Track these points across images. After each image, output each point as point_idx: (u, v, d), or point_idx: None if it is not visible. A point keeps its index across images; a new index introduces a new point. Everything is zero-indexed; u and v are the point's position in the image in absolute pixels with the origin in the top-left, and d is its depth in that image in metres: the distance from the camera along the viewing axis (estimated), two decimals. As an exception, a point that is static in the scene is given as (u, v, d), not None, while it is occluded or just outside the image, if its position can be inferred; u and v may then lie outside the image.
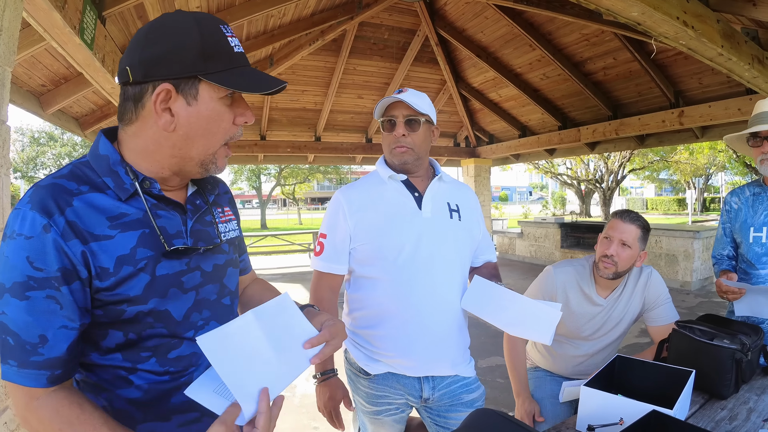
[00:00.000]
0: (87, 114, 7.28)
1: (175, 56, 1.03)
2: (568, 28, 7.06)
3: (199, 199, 1.28)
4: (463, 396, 2.08)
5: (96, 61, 3.85)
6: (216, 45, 1.06)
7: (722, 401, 1.98)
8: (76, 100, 6.31)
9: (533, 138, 10.13)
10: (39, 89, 5.82)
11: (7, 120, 1.75)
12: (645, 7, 2.92)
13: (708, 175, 35.53)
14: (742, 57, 3.91)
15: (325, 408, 2.06)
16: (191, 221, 1.22)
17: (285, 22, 6.86)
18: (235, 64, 1.08)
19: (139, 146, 1.11)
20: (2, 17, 1.66)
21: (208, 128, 1.09)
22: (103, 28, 3.96)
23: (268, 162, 11.75)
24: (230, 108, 1.12)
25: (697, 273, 9.81)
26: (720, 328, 2.14)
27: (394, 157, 2.04)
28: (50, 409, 0.98)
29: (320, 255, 2.10)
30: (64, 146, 33.88)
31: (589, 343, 2.62)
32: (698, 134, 8.09)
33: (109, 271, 1.04)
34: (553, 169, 27.45)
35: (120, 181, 1.08)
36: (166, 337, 1.13)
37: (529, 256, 14.29)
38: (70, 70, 5.49)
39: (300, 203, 46.41)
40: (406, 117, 1.99)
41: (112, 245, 1.05)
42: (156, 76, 1.03)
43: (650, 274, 2.57)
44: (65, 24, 3.06)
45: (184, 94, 1.05)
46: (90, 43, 3.60)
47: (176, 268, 1.15)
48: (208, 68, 1.04)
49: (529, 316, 1.85)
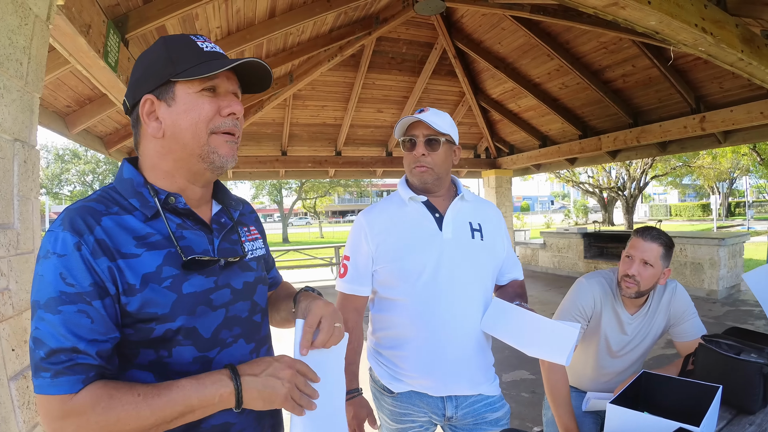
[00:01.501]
0: (111, 133, 7.44)
1: (149, 72, 1.16)
2: (585, 37, 7.07)
3: (224, 217, 1.32)
4: (487, 415, 2.08)
5: (120, 83, 3.96)
6: (182, 49, 1.17)
7: (750, 416, 1.96)
8: (101, 119, 6.47)
9: (554, 148, 10.12)
10: (64, 110, 5.97)
11: (36, 145, 1.81)
12: (662, 15, 2.92)
13: (732, 179, 35.04)
14: (763, 61, 3.88)
15: (350, 426, 2.06)
16: (218, 240, 1.25)
17: (304, 39, 6.97)
18: (205, 59, 1.16)
19: (148, 163, 1.20)
20: (30, 46, 1.72)
21: (188, 119, 1.15)
22: (126, 51, 4.06)
23: (289, 177, 11.87)
24: (213, 100, 1.17)
25: (723, 281, 9.63)
26: (747, 342, 2.13)
27: (414, 177, 2.06)
28: (87, 397, 0.98)
29: (344, 277, 2.13)
30: (88, 163, 34.58)
31: (616, 360, 2.58)
32: (721, 139, 8.01)
33: (136, 287, 1.07)
34: (574, 177, 27.30)
35: (145, 200, 1.15)
36: (197, 357, 1.16)
37: (552, 267, 14.18)
38: (94, 91, 5.63)
39: (321, 216, 46.60)
40: (426, 137, 2.00)
41: (139, 263, 1.09)
42: (140, 95, 1.16)
43: (675, 290, 2.52)
44: (90, 48, 3.16)
45: (165, 98, 1.15)
46: (114, 65, 3.70)
47: (204, 286, 1.17)
48: (176, 69, 1.14)
49: (546, 335, 1.82)
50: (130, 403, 0.99)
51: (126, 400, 0.99)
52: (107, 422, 0.98)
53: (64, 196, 35.23)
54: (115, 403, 0.99)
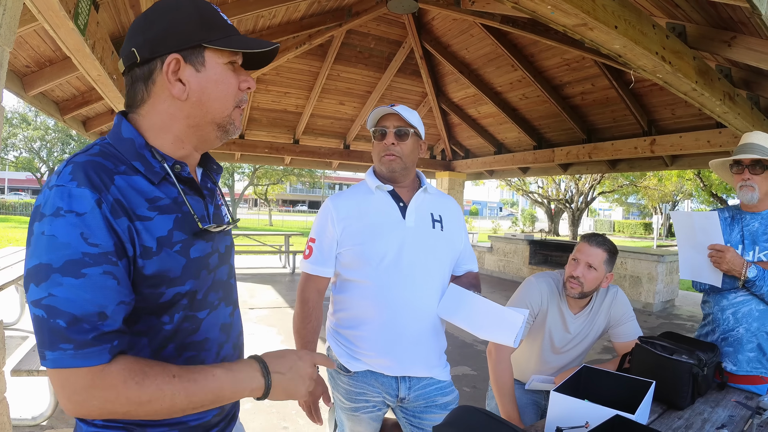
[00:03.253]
0: (68, 99, 7.19)
1: (177, 30, 1.10)
2: (550, 52, 7.27)
3: (209, 182, 1.33)
4: (437, 398, 2.19)
5: (86, 47, 3.83)
6: (212, 17, 1.15)
7: (679, 411, 2.14)
8: (59, 84, 6.24)
9: (508, 155, 10.33)
10: (23, 70, 5.75)
11: (1, 101, 1.74)
12: (627, 41, 3.06)
13: (675, 201, 36.37)
14: (715, 93, 4.09)
15: (305, 403, 2.15)
16: (211, 205, 1.27)
17: (274, 24, 6.92)
18: (232, 32, 1.17)
19: (156, 124, 1.15)
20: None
21: (219, 91, 1.16)
22: (96, 15, 3.96)
23: (245, 161, 11.72)
24: (235, 74, 1.19)
25: (659, 295, 10.13)
26: (680, 345, 2.33)
27: (383, 165, 2.16)
28: (119, 370, 0.94)
29: (309, 258, 2.20)
30: (37, 129, 33.35)
31: (559, 356, 2.74)
32: (668, 162, 8.38)
33: (152, 250, 1.05)
34: (524, 186, 27.86)
35: (149, 164, 1.10)
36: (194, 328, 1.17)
37: (498, 271, 14.50)
38: (56, 53, 5.44)
39: (272, 204, 46.13)
40: (397, 128, 2.12)
41: (153, 226, 1.06)
42: (163, 51, 1.10)
43: (616, 294, 2.70)
44: (61, 7, 3.04)
45: (192, 62, 1.12)
46: (83, 28, 3.59)
47: (205, 251, 1.19)
48: (210, 36, 1.12)
49: (497, 320, 1.94)
50: (165, 384, 0.97)
51: (161, 380, 0.97)
52: (139, 399, 0.95)
53: (9, 162, 33.89)
54: (149, 381, 0.96)
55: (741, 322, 2.53)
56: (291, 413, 4.35)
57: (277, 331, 7.14)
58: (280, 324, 7.56)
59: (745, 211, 2.68)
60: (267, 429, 4.08)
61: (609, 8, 2.90)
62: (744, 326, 2.52)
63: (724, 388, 2.44)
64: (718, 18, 4.08)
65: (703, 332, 2.73)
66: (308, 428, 4.09)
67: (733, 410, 2.16)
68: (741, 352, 2.52)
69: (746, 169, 2.56)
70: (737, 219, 2.68)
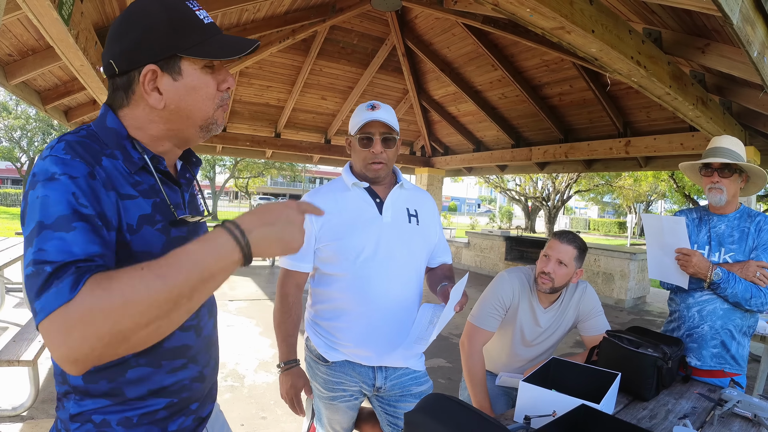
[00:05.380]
0: (50, 88, 7.13)
1: (150, 39, 1.10)
2: (530, 53, 7.39)
3: (188, 172, 1.36)
4: (412, 388, 2.27)
5: (70, 37, 3.80)
6: (184, 19, 1.13)
7: (644, 402, 2.25)
8: (41, 73, 6.20)
9: (487, 153, 10.46)
10: (5, 58, 5.70)
11: None
12: (603, 45, 3.16)
13: (649, 201, 36.92)
14: (688, 97, 4.22)
15: (287, 395, 2.21)
16: (187, 195, 1.31)
17: (258, 18, 6.92)
18: (209, 35, 1.16)
19: (134, 124, 1.16)
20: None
21: (197, 96, 1.16)
22: (80, 5, 3.95)
23: (226, 154, 11.68)
24: (214, 75, 1.19)
25: (631, 292, 10.37)
26: (646, 339, 2.44)
27: (370, 172, 2.20)
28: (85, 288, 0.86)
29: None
30: (18, 119, 32.76)
31: (529, 348, 2.83)
32: (642, 163, 8.58)
33: (133, 227, 1.09)
34: (502, 184, 28.08)
35: (128, 154, 1.13)
36: None
37: (474, 266, 14.67)
38: (39, 43, 5.40)
39: (252, 197, 45.85)
40: (383, 135, 2.16)
41: (136, 205, 1.10)
42: (139, 63, 1.10)
43: (585, 289, 2.80)
44: None
45: (169, 71, 1.12)
46: (66, 19, 3.56)
47: (183, 233, 1.22)
48: (184, 44, 1.11)
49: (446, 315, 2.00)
50: (134, 278, 0.87)
51: (129, 275, 0.88)
52: (112, 306, 0.84)
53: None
54: (115, 283, 0.87)
55: (706, 319, 2.64)
56: (269, 403, 4.41)
57: (255, 323, 7.18)
58: (259, 315, 7.60)
59: (712, 213, 2.78)
60: (246, 419, 4.12)
61: (586, 13, 3.00)
62: (708, 323, 2.63)
63: (688, 381, 2.56)
64: (693, 25, 4.22)
65: (669, 328, 2.83)
66: (286, 417, 4.14)
67: (696, 402, 2.27)
68: (705, 348, 2.64)
69: (715, 172, 2.66)
70: (705, 221, 2.79)
